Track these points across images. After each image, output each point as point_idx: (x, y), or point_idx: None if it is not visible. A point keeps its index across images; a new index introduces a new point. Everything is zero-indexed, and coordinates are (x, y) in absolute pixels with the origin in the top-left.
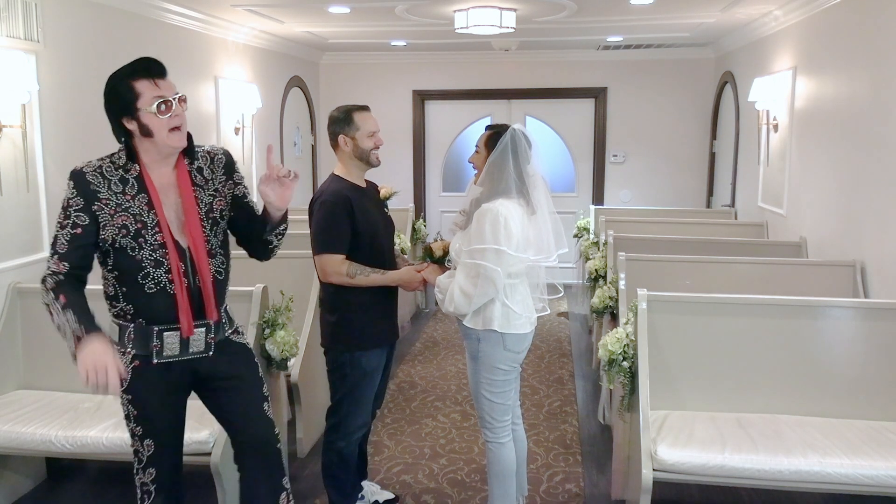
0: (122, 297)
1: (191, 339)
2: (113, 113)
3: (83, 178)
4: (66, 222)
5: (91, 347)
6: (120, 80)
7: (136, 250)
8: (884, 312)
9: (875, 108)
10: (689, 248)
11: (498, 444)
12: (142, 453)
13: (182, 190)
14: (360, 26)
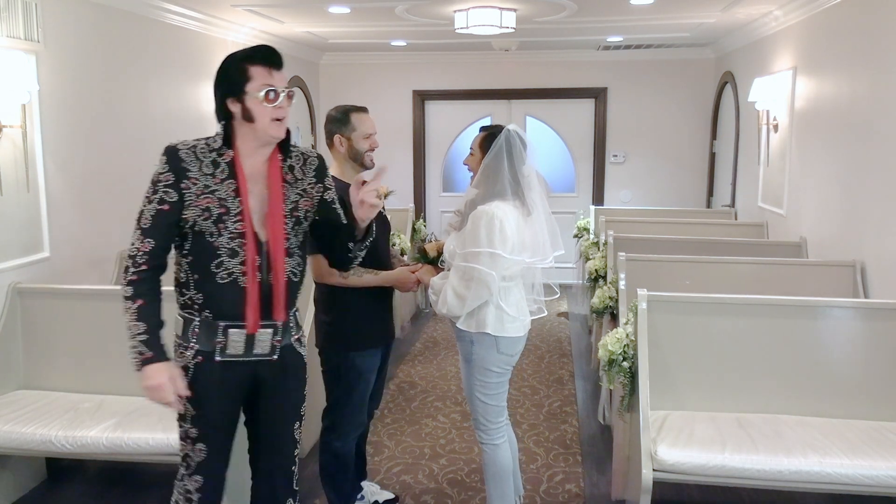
0: (192, 285)
1: (256, 339)
2: (220, 92)
3: (176, 154)
4: (154, 197)
5: (155, 375)
6: (235, 62)
7: (215, 236)
8: (884, 312)
9: (875, 108)
10: (689, 248)
11: (493, 446)
12: (191, 458)
13: (271, 182)
14: (360, 26)
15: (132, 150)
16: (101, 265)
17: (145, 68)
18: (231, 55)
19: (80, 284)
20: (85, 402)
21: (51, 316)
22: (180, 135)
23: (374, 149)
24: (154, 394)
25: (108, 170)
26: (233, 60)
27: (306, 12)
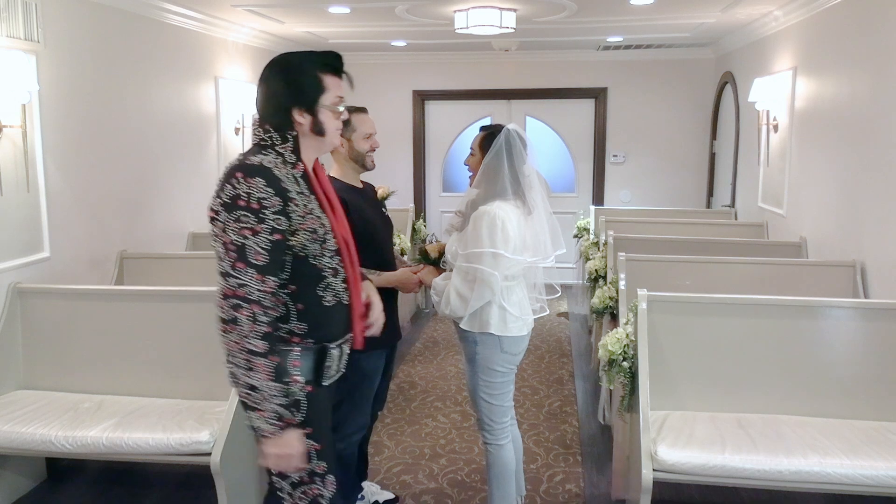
0: (293, 317)
1: (343, 353)
2: (287, 101)
3: (272, 173)
4: (263, 227)
5: (295, 443)
6: (307, 70)
7: (318, 258)
8: (884, 312)
9: (875, 109)
10: (689, 249)
11: (497, 446)
12: (324, 496)
13: (327, 189)
14: (360, 26)
15: (132, 150)
16: (101, 265)
17: (145, 68)
18: (296, 60)
19: (80, 284)
20: (85, 402)
21: (51, 316)
22: (180, 135)
23: (374, 149)
24: (287, 462)
25: (108, 170)
26: (304, 68)
27: (306, 12)
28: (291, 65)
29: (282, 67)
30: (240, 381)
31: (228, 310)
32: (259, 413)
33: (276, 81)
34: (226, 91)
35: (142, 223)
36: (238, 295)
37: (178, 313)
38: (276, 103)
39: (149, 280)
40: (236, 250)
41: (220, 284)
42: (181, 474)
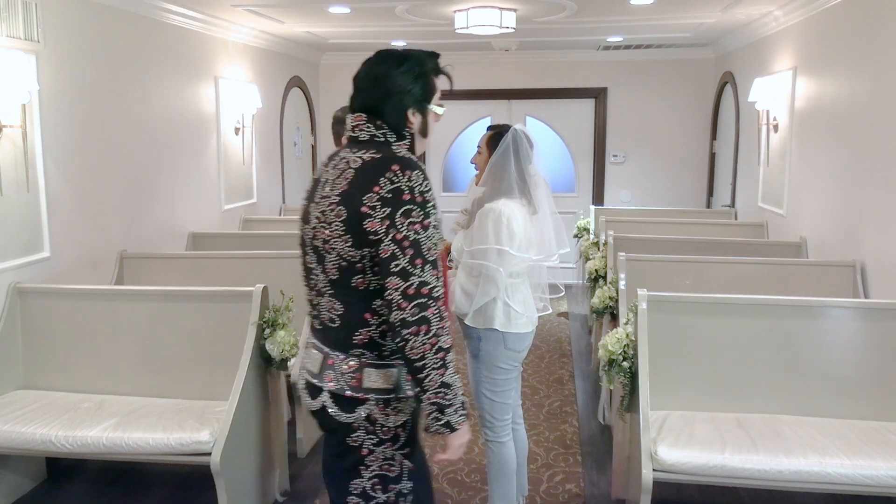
0: None
1: None
2: (411, 99)
3: (422, 167)
4: (428, 222)
5: (467, 431)
6: (430, 71)
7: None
8: (884, 312)
9: (875, 109)
10: (689, 248)
11: (498, 444)
12: None
13: None
14: (360, 26)
15: (132, 150)
16: (101, 265)
17: (145, 68)
18: (420, 59)
19: (80, 284)
20: (85, 402)
21: (51, 316)
22: (180, 135)
23: None
24: (463, 450)
25: (108, 170)
26: (427, 68)
27: (306, 12)
28: (417, 63)
29: (410, 66)
30: (433, 382)
31: (415, 310)
32: (453, 409)
33: (403, 79)
34: (225, 91)
35: (142, 223)
36: (422, 293)
37: (178, 313)
38: (399, 101)
39: (149, 280)
40: (411, 246)
41: (395, 285)
42: (181, 474)
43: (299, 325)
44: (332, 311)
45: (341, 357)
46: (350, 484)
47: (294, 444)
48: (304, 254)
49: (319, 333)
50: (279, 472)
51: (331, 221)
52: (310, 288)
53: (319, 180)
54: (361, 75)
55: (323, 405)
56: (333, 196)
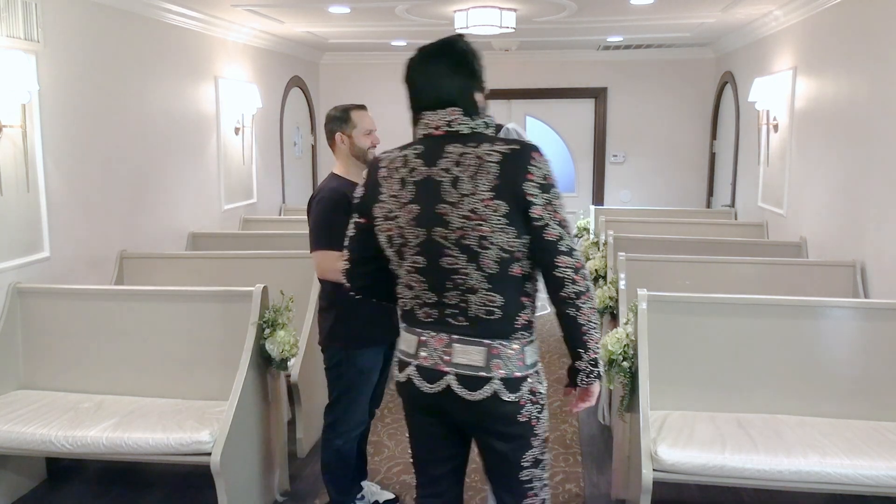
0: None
1: None
2: (480, 87)
3: None
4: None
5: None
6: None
7: None
8: (884, 312)
9: (875, 108)
10: (689, 248)
11: None
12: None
13: None
14: (360, 26)
15: (132, 150)
16: (101, 265)
17: (145, 68)
18: (468, 43)
19: (80, 284)
20: (85, 402)
21: (51, 316)
22: (180, 135)
23: (375, 145)
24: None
25: (108, 170)
26: (476, 50)
27: (306, 12)
28: (473, 53)
29: (470, 54)
30: (595, 341)
31: (584, 281)
32: (599, 361)
33: (473, 68)
34: (225, 91)
35: (142, 223)
36: (583, 266)
37: (178, 313)
38: (476, 91)
39: (149, 280)
40: (565, 225)
41: (566, 262)
42: (181, 474)
43: (299, 325)
44: (490, 303)
45: (504, 343)
46: (523, 458)
47: (294, 444)
48: (413, 255)
49: (469, 329)
50: (279, 472)
51: (487, 217)
52: (449, 289)
53: (428, 180)
54: (433, 71)
55: (494, 392)
56: (482, 192)
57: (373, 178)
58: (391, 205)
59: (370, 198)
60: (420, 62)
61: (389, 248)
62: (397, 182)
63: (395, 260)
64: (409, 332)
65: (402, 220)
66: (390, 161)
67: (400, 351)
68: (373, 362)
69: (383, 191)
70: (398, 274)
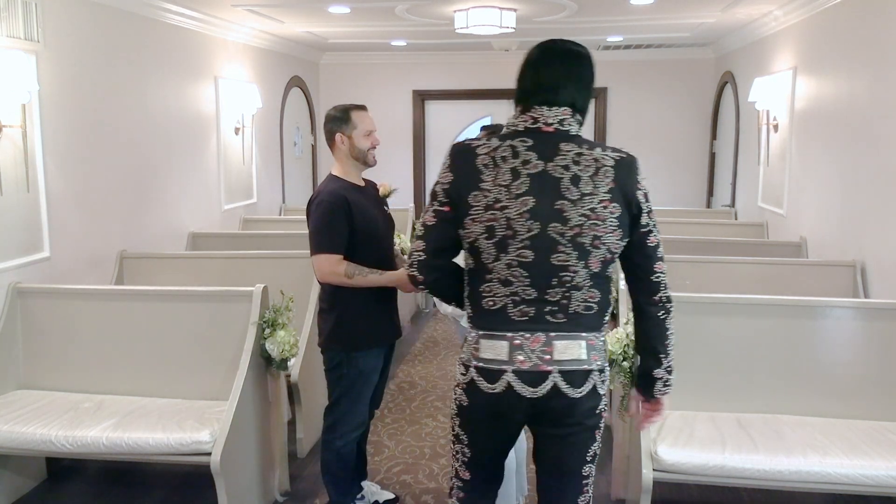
0: None
1: None
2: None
3: None
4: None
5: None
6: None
7: None
8: (884, 312)
9: (875, 108)
10: (689, 248)
11: None
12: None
13: None
14: (360, 26)
15: (132, 150)
16: (101, 265)
17: (145, 68)
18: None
19: (80, 284)
20: (85, 402)
21: (51, 316)
22: (180, 135)
23: (375, 146)
24: None
25: (108, 170)
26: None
27: (306, 12)
28: (590, 57)
29: (589, 60)
30: (673, 347)
31: (669, 286)
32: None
33: (591, 73)
34: (225, 91)
35: (142, 223)
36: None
37: (178, 313)
38: (590, 95)
39: (149, 280)
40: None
41: (661, 268)
42: (181, 474)
43: (299, 325)
44: (590, 300)
45: (597, 335)
46: (588, 452)
47: (294, 444)
48: (520, 248)
49: (567, 325)
50: (279, 472)
51: (605, 218)
52: (553, 286)
53: (545, 175)
54: (559, 69)
55: (594, 386)
56: (602, 194)
57: (468, 164)
58: (498, 194)
59: (464, 185)
60: (556, 56)
61: (486, 239)
62: (507, 171)
63: (490, 253)
64: (495, 337)
65: (513, 212)
66: (491, 149)
67: (482, 360)
68: (373, 364)
69: (486, 178)
70: (490, 269)
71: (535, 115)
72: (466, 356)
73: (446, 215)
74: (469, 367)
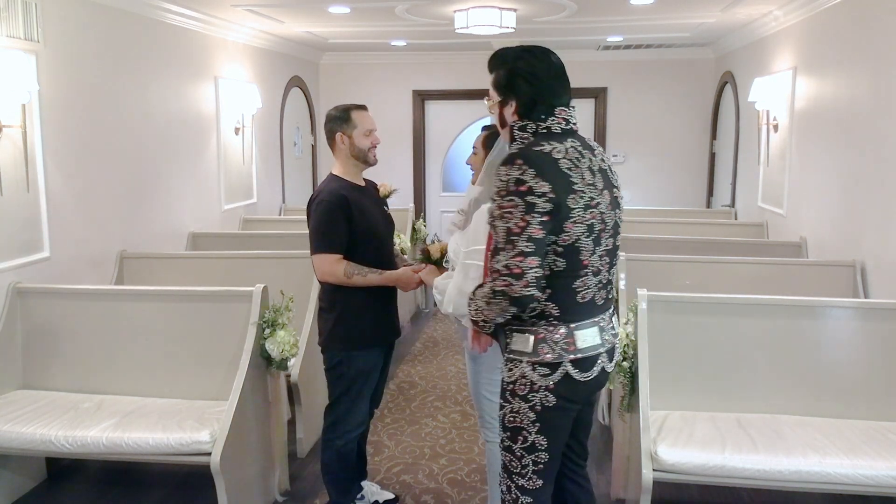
0: None
1: None
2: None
3: None
4: None
5: None
6: None
7: None
8: (884, 312)
9: (875, 108)
10: (689, 248)
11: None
12: None
13: None
14: (360, 26)
15: (132, 150)
16: (101, 265)
17: (145, 68)
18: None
19: (80, 284)
20: (85, 402)
21: (51, 316)
22: (180, 135)
23: (375, 145)
24: None
25: (108, 170)
26: None
27: (306, 12)
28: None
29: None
30: None
31: None
32: None
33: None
34: (225, 91)
35: (142, 223)
36: None
37: (178, 313)
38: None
39: (149, 280)
40: None
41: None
42: (181, 474)
43: (299, 325)
44: (612, 281)
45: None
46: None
47: (294, 444)
48: (607, 238)
49: (604, 307)
50: (279, 472)
51: (622, 207)
52: (612, 266)
53: (602, 168)
54: (563, 71)
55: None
56: (617, 184)
57: (555, 170)
58: (591, 192)
59: (560, 190)
60: (559, 62)
61: (587, 236)
62: (587, 171)
63: (588, 249)
64: (588, 325)
65: (603, 206)
66: (564, 152)
67: (579, 351)
68: (373, 363)
69: (575, 180)
70: (587, 264)
71: (567, 116)
72: (555, 354)
73: (547, 225)
74: (560, 363)
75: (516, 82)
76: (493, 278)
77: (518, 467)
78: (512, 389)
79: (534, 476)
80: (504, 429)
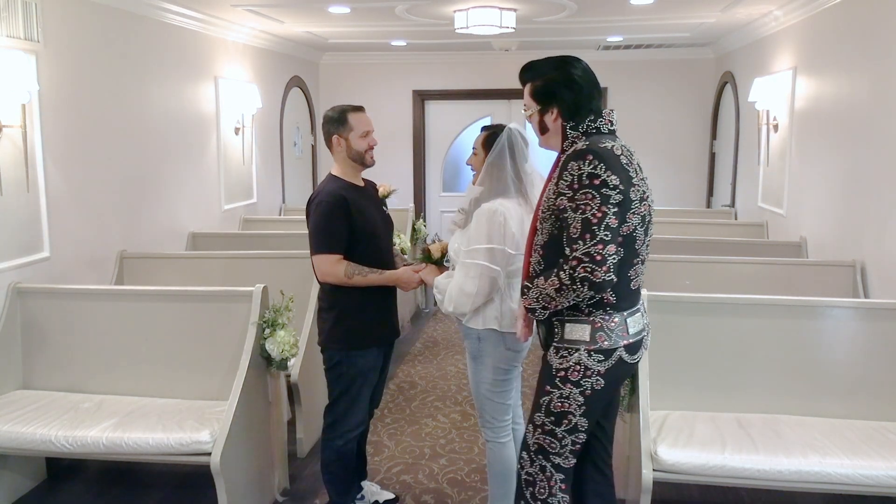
0: None
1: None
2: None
3: None
4: None
5: None
6: None
7: None
8: (884, 312)
9: (875, 109)
10: (689, 248)
11: (498, 444)
12: None
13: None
14: (360, 26)
15: (132, 150)
16: (101, 265)
17: (145, 68)
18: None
19: (80, 284)
20: (85, 402)
21: (51, 316)
22: (180, 135)
23: (372, 147)
24: None
25: (108, 170)
26: None
27: (306, 12)
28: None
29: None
30: None
31: None
32: None
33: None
34: (225, 91)
35: (142, 223)
36: None
37: (178, 313)
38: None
39: (149, 280)
40: None
41: None
42: (181, 474)
43: (299, 325)
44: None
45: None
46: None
47: (294, 444)
48: (651, 229)
49: (640, 293)
50: (279, 471)
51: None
52: (642, 261)
53: (638, 165)
54: (595, 77)
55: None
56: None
57: (619, 165)
58: (642, 186)
59: (625, 182)
60: (592, 71)
61: (641, 226)
62: (637, 167)
63: (641, 239)
64: (636, 311)
65: (650, 199)
66: (620, 150)
67: (631, 336)
68: (372, 363)
69: (632, 174)
70: (639, 253)
71: (611, 118)
72: (612, 342)
73: (618, 215)
74: (615, 350)
75: (558, 90)
76: (573, 266)
77: (557, 447)
78: (563, 376)
79: (570, 455)
80: (548, 413)
